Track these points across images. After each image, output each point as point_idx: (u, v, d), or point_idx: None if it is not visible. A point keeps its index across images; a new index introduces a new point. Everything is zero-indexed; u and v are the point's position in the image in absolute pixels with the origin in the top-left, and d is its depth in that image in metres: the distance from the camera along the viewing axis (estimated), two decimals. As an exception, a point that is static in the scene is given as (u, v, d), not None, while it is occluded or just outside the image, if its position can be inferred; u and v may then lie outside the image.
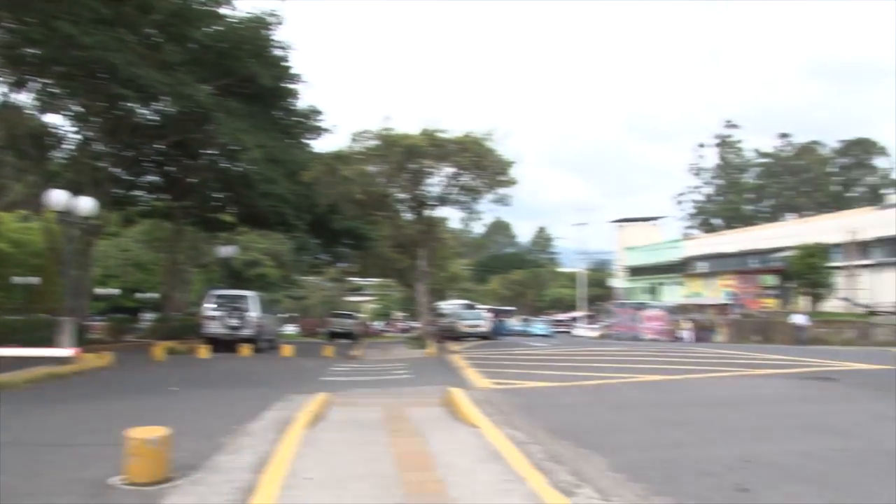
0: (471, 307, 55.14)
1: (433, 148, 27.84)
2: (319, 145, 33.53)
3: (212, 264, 42.99)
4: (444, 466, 6.17)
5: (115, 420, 8.48)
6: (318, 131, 32.91)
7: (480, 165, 28.11)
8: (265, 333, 26.60)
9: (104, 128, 25.81)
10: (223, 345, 24.26)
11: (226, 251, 35.74)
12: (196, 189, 32.38)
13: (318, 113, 32.45)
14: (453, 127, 28.88)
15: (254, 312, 25.56)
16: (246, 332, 25.04)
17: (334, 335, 45.39)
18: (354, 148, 29.08)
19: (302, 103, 31.61)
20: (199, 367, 18.87)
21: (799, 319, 35.14)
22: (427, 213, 31.65)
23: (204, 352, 22.28)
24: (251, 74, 26.08)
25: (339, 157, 29.19)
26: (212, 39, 25.11)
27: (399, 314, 75.55)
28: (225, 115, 25.09)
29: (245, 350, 23.34)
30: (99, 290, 41.59)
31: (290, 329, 62.28)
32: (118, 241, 46.97)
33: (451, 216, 41.67)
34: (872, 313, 37.63)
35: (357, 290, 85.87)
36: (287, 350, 24.69)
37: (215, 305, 25.60)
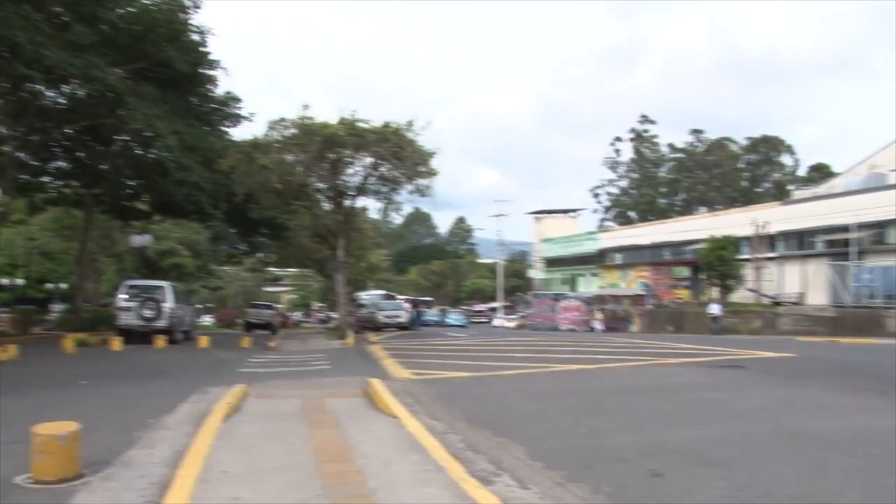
0: (390, 297, 55.05)
1: (352, 138, 27.61)
2: (238, 133, 32.96)
3: (125, 254, 41.75)
4: (364, 457, 6.15)
5: (20, 416, 8.16)
6: (236, 119, 32.26)
7: (400, 156, 28.02)
8: (181, 324, 25.97)
9: (7, 110, 24.71)
10: (137, 336, 23.57)
11: (140, 240, 34.74)
12: (108, 176, 31.31)
13: (237, 100, 31.83)
14: (373, 117, 28.77)
15: (169, 303, 24.89)
16: (161, 324, 24.39)
17: (252, 326, 44.68)
18: (272, 136, 28.64)
19: (220, 90, 30.97)
20: (111, 360, 18.30)
21: (714, 309, 36.06)
22: (346, 203, 31.45)
23: (117, 344, 21.59)
24: (166, 59, 25.30)
25: (256, 146, 28.68)
26: (124, 21, 24.27)
27: (318, 304, 74.82)
28: (138, 100, 24.29)
29: (160, 342, 22.73)
30: (2, 281, 39.92)
31: (206, 320, 60.97)
32: (24, 230, 45.12)
33: (371, 206, 41.37)
34: (777, 304, 39.10)
35: (275, 280, 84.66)
36: (203, 341, 24.16)
37: (129, 296, 24.84)
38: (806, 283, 41.94)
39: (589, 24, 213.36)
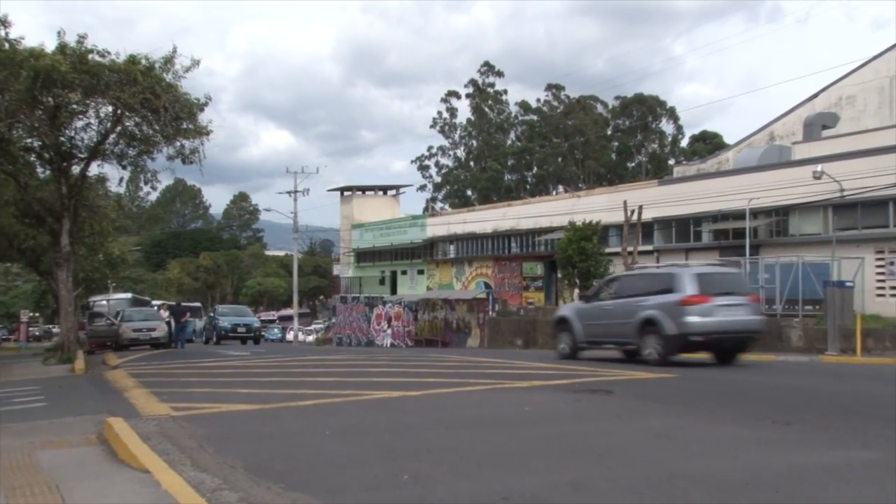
0: (141, 303, 53.51)
1: (81, 75, 26.30)
2: None
3: None
4: (99, 529, 5.90)
5: None
6: None
7: (154, 106, 27.06)
8: None
9: None
10: None
11: None
12: None
13: None
14: (112, 47, 27.52)
15: None
16: None
17: None
18: None
19: None
20: None
21: None
22: (74, 169, 30.15)
23: None
24: None
25: None
26: None
27: (30, 315, 71.41)
28: None
29: None
30: None
31: None
32: None
33: (112, 175, 39.38)
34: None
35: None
36: None
37: None
38: (688, 283, 44.29)
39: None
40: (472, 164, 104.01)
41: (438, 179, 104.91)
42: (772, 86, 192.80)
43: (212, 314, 53.17)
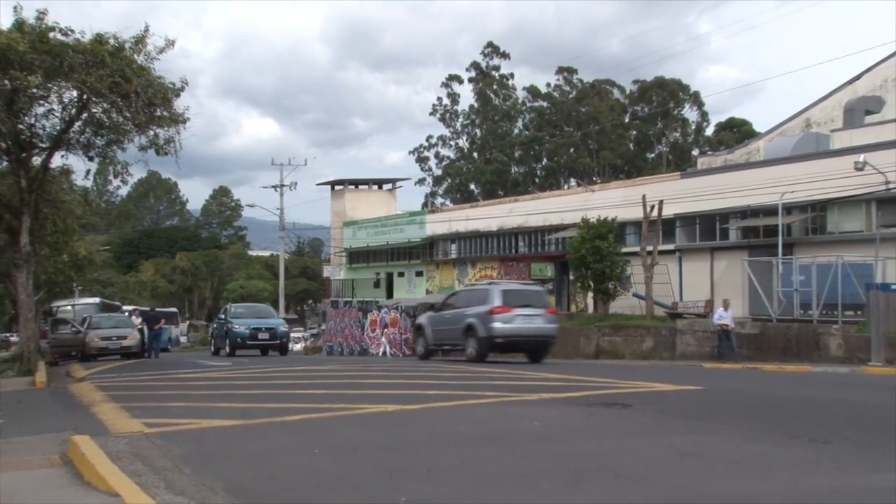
0: (110, 309, 53.53)
1: (42, 56, 26.18)
2: None
3: None
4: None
5: None
6: None
7: (124, 91, 26.98)
8: None
9: None
10: None
11: None
12: None
13: None
14: (76, 24, 27.38)
15: None
16: None
17: None
18: None
19: None
20: None
21: (727, 318, 33.73)
22: (34, 160, 30.06)
23: None
24: None
25: None
26: None
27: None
28: None
29: None
30: None
31: None
32: None
33: (78, 168, 39.01)
34: (676, 315, 40.73)
35: None
36: None
37: None
38: (716, 286, 44.19)
39: None
40: (475, 155, 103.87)
41: (439, 172, 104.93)
42: (808, 67, 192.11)
43: (222, 316, 45.09)
